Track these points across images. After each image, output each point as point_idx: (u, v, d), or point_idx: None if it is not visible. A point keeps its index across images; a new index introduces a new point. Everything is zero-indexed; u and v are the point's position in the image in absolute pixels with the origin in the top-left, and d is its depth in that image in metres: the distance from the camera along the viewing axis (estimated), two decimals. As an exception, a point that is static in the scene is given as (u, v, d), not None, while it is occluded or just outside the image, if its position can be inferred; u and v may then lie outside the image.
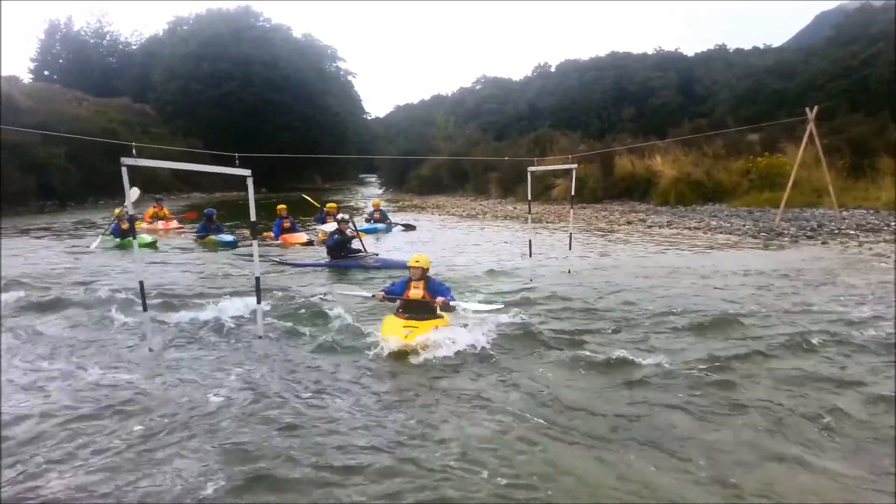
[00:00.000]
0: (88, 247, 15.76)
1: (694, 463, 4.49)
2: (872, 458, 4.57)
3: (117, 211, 17.26)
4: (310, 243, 16.80)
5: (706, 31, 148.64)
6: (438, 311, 7.55)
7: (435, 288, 7.69)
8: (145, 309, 6.93)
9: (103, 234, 17.16)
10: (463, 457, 4.54)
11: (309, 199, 23.82)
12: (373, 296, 8.17)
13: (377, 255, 13.24)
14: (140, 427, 5.07)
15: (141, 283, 6.89)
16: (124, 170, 6.49)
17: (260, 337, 7.36)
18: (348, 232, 13.43)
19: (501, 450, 4.67)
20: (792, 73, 40.20)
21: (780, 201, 18.89)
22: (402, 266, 11.99)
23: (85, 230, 20.92)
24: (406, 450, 4.68)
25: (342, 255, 13.12)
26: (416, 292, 7.62)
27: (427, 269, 7.81)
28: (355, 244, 13.49)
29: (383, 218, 21.47)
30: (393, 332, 7.08)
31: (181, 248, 16.65)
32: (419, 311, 7.50)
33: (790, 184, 18.77)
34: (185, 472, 4.34)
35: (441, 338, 6.95)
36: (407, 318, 7.39)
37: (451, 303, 7.57)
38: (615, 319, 8.28)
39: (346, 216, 14.40)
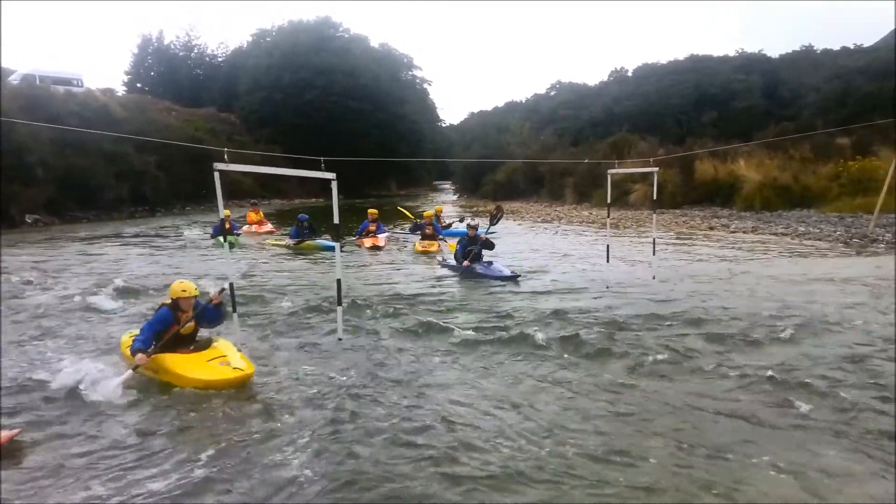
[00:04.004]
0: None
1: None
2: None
3: (227, 213, 18.17)
4: (377, 248, 16.79)
5: (791, 31, 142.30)
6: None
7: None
8: (234, 310, 7.02)
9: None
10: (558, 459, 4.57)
11: (404, 210, 24.23)
12: (135, 368, 6.10)
13: (490, 263, 12.51)
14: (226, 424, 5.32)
15: (231, 284, 6.98)
16: (217, 174, 6.75)
17: (340, 339, 7.47)
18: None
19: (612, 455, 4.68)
20: (886, 74, 38.25)
21: (874, 207, 18.04)
22: (504, 277, 11.86)
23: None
24: (503, 446, 4.74)
25: (469, 260, 12.54)
26: (189, 324, 6.51)
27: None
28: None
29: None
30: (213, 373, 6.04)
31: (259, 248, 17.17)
32: (187, 343, 6.52)
33: (885, 188, 17.88)
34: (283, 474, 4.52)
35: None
36: (190, 352, 6.41)
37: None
38: (702, 326, 8.11)
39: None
